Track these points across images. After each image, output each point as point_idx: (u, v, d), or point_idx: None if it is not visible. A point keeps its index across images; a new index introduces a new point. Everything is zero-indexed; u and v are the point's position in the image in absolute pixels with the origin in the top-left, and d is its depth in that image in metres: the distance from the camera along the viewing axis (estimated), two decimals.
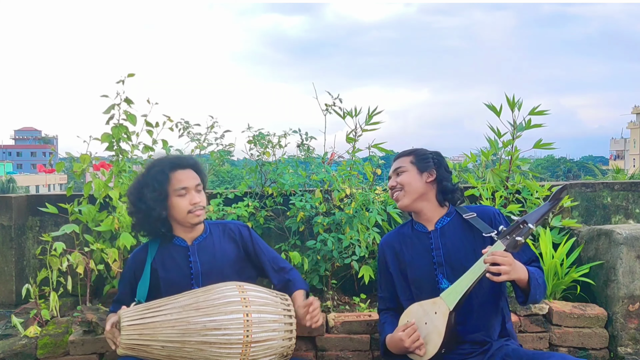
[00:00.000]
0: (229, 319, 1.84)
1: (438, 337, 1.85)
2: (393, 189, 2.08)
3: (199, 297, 1.89)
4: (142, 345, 1.82)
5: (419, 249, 2.05)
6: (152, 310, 1.88)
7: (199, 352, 1.82)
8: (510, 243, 1.79)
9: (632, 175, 8.23)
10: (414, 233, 2.09)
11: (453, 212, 2.06)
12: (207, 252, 2.08)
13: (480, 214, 2.02)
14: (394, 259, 2.11)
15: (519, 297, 1.91)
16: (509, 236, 1.80)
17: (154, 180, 2.02)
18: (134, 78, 2.84)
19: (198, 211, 2.03)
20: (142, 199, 2.02)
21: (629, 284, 2.52)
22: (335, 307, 2.72)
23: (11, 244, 3.03)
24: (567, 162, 53.99)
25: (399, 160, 2.12)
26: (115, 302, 2.15)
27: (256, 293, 1.95)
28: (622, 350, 2.49)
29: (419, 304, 1.95)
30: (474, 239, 1.98)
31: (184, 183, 2.03)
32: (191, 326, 1.82)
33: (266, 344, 1.88)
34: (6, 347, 2.35)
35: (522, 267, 1.83)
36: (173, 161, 2.08)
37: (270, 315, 1.92)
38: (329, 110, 3.01)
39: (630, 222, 3.16)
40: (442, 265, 1.99)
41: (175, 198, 2.01)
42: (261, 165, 3.08)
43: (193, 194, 2.04)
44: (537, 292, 1.86)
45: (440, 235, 2.02)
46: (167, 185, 2.01)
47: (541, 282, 1.90)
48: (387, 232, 2.29)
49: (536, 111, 2.85)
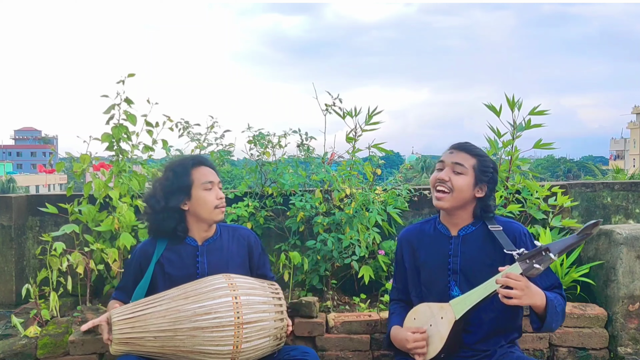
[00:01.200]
0: (218, 302, 1.85)
1: (439, 342, 1.84)
2: (441, 183, 1.92)
3: (187, 288, 1.91)
4: (135, 338, 1.83)
5: (436, 252, 1.99)
6: (142, 304, 1.89)
7: (192, 338, 1.83)
8: (527, 268, 1.71)
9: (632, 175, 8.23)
10: (435, 233, 2.02)
11: (480, 223, 1.97)
12: (215, 254, 2.08)
13: (506, 228, 1.93)
14: (410, 255, 2.06)
15: (534, 322, 1.85)
16: (528, 260, 1.72)
17: (171, 173, 2.01)
18: (134, 78, 2.84)
19: (223, 207, 2.04)
20: (154, 193, 2.02)
21: (629, 284, 2.52)
22: (335, 307, 2.72)
23: (11, 244, 3.03)
24: (567, 162, 53.97)
25: (463, 155, 1.94)
26: (118, 289, 2.15)
27: (242, 279, 1.97)
28: (622, 350, 2.49)
29: (427, 305, 1.93)
30: (494, 252, 1.91)
31: (209, 177, 2.02)
32: (181, 314, 1.84)
33: (258, 325, 1.88)
34: (6, 347, 2.35)
35: (538, 293, 1.76)
36: (196, 158, 2.09)
37: (259, 297, 1.93)
38: (328, 110, 3.01)
39: (630, 222, 3.16)
40: (457, 273, 1.94)
41: (202, 191, 1.99)
42: (261, 165, 3.08)
43: (218, 189, 2.04)
44: (553, 320, 1.79)
45: (462, 242, 1.96)
46: (188, 179, 2.00)
47: (560, 310, 1.82)
48: (408, 226, 2.19)
49: (536, 111, 2.85)
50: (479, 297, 1.79)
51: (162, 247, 2.06)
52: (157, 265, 2.04)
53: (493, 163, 1.98)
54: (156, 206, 2.01)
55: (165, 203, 1.99)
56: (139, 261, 2.09)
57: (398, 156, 47.49)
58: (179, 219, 2.02)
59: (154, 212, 2.02)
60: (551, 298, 1.79)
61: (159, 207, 2.00)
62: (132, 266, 2.12)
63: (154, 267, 2.03)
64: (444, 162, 1.95)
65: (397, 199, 2.93)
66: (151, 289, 2.02)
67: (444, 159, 1.96)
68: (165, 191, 1.99)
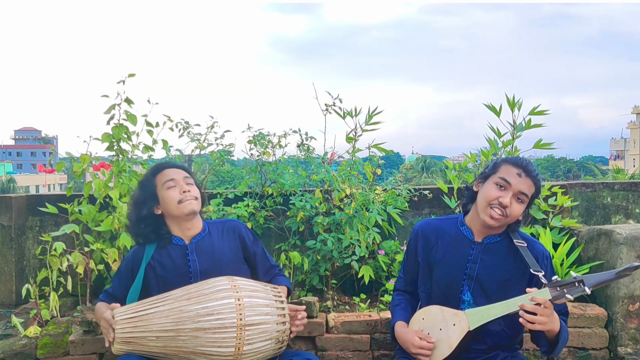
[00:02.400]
0: (221, 304, 1.85)
1: (447, 349, 1.82)
2: (502, 206, 1.83)
3: (191, 289, 1.91)
4: (137, 337, 1.83)
5: (455, 254, 1.94)
6: (145, 304, 1.90)
7: (194, 339, 1.83)
8: (557, 295, 1.69)
9: (632, 175, 8.24)
10: (457, 234, 1.97)
11: (505, 234, 1.93)
12: (206, 251, 2.08)
13: (530, 247, 1.89)
14: (425, 250, 2.00)
15: (543, 346, 1.84)
16: (559, 288, 1.69)
17: (140, 185, 2.12)
18: (134, 78, 2.84)
19: (189, 199, 2.04)
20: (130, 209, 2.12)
21: (629, 284, 2.52)
22: (335, 307, 2.72)
23: (11, 244, 3.03)
24: (567, 162, 53.99)
25: (529, 184, 1.84)
26: (106, 292, 2.16)
27: (245, 281, 1.98)
28: (622, 350, 2.49)
29: (440, 308, 1.90)
30: (515, 267, 1.88)
31: (170, 176, 2.08)
32: (184, 314, 1.84)
33: (261, 327, 1.88)
34: (6, 347, 2.35)
35: (557, 320, 1.75)
36: (157, 165, 2.16)
37: (262, 300, 1.93)
38: (329, 110, 3.01)
39: (630, 222, 3.16)
40: (472, 279, 1.90)
41: (165, 191, 2.04)
42: (261, 165, 3.09)
43: (182, 184, 2.06)
44: (561, 347, 1.81)
45: (484, 250, 1.91)
46: (152, 185, 2.07)
47: (566, 336, 1.83)
48: (427, 219, 2.13)
49: (536, 111, 2.86)
50: (499, 313, 1.77)
51: (151, 250, 2.08)
52: (148, 268, 2.05)
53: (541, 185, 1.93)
54: (132, 218, 2.09)
55: (138, 213, 2.06)
56: (130, 265, 2.11)
57: (398, 156, 47.51)
58: (157, 224, 2.07)
59: (131, 224, 2.10)
60: (563, 325, 1.80)
61: (134, 218, 2.08)
62: (123, 271, 2.13)
63: (144, 271, 2.04)
64: (511, 185, 1.83)
65: (397, 199, 2.94)
66: (145, 293, 2.02)
67: (510, 180, 1.83)
68: (136, 203, 2.08)
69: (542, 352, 1.87)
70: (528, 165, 1.86)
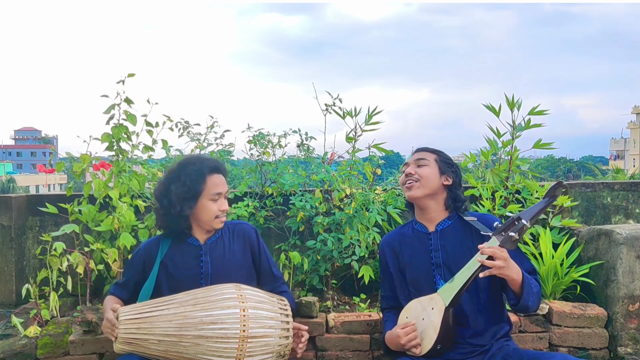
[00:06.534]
0: (226, 313, 1.85)
1: (434, 332, 1.88)
2: (409, 177, 2.07)
3: (197, 294, 1.91)
4: (139, 339, 1.83)
5: (418, 250, 2.07)
6: (150, 306, 1.89)
7: (196, 346, 1.82)
8: (504, 239, 1.80)
9: (632, 175, 8.25)
10: (414, 233, 2.12)
11: (455, 217, 2.08)
12: (218, 253, 2.09)
13: (481, 219, 2.04)
14: (393, 258, 2.13)
15: (511, 299, 1.91)
16: (503, 232, 1.82)
17: (187, 178, 2.02)
18: (134, 78, 2.84)
19: (223, 217, 2.09)
20: (167, 194, 2.03)
21: (629, 284, 2.52)
22: (335, 307, 2.72)
23: (11, 244, 3.03)
24: (567, 162, 53.97)
25: (423, 153, 2.12)
26: (117, 285, 2.16)
27: (253, 292, 1.97)
28: (622, 350, 2.49)
29: (417, 300, 1.98)
30: (473, 242, 1.99)
31: (219, 188, 2.06)
32: (188, 320, 1.83)
33: (263, 340, 1.88)
34: (6, 347, 2.35)
35: (516, 268, 1.83)
36: (213, 164, 2.10)
37: (267, 312, 1.92)
38: (328, 110, 3.01)
39: (630, 222, 3.16)
40: (440, 267, 2.01)
41: (208, 201, 2.04)
42: (261, 165, 3.09)
43: (223, 200, 2.08)
44: (529, 297, 1.86)
45: (440, 237, 2.05)
46: (201, 186, 2.02)
47: (536, 290, 1.90)
48: (389, 232, 2.31)
49: (536, 111, 2.85)
50: (464, 279, 1.84)
51: (165, 246, 2.08)
52: (160, 265, 2.05)
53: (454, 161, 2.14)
54: (171, 210, 2.02)
55: (180, 208, 2.01)
56: (143, 260, 2.10)
57: (398, 156, 47.42)
58: (185, 221, 2.06)
59: (166, 213, 2.04)
60: (527, 275, 1.88)
61: (174, 211, 2.01)
62: (135, 264, 2.12)
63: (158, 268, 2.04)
64: (408, 162, 2.12)
65: (397, 199, 2.93)
66: (156, 291, 2.03)
67: (407, 161, 2.14)
68: (180, 197, 2.01)
69: (510, 305, 1.94)
70: (422, 147, 2.17)
